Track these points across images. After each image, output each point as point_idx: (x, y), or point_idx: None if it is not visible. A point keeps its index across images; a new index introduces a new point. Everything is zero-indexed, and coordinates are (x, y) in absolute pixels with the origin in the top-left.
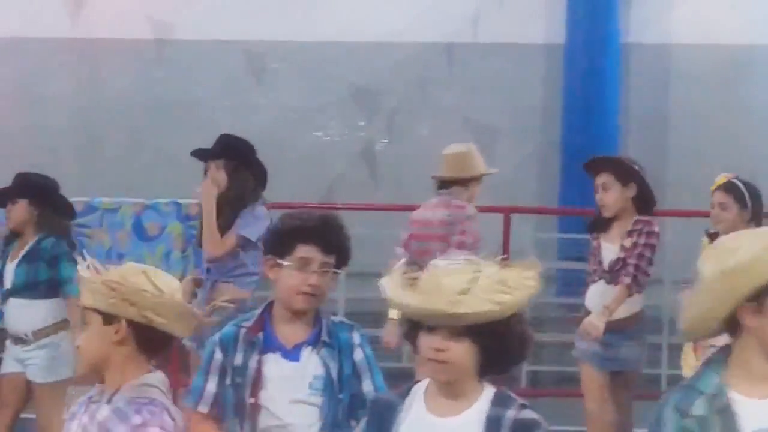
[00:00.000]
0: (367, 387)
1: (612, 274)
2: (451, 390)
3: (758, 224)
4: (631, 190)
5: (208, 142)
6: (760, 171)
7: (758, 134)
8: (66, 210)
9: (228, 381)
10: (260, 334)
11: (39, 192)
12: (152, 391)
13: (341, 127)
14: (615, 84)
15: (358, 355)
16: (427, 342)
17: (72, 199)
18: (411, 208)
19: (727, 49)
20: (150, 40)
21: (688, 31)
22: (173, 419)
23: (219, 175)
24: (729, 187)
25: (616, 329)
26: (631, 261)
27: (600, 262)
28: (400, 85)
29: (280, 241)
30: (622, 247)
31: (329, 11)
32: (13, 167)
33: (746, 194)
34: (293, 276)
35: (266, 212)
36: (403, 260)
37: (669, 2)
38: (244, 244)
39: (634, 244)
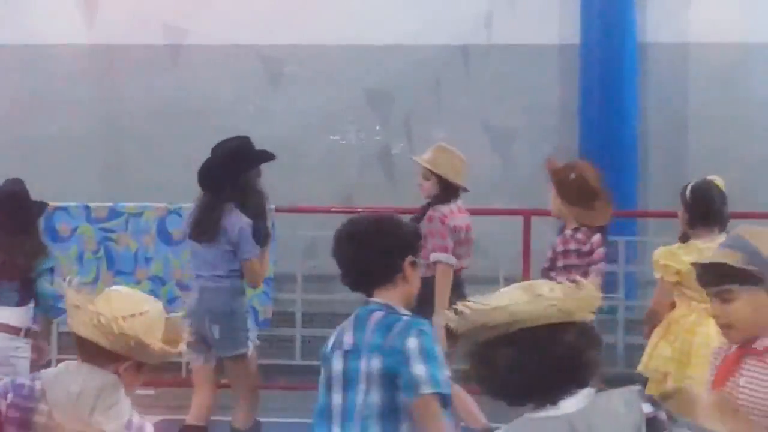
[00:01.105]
0: None
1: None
2: None
3: (691, 225)
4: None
5: None
6: None
7: None
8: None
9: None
10: None
11: None
12: None
13: (357, 131)
14: (632, 83)
15: None
16: None
17: (95, 204)
18: None
19: (744, 47)
20: (165, 45)
21: (705, 29)
22: (28, 383)
23: None
24: (681, 191)
25: None
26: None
27: None
28: (415, 88)
29: (418, 242)
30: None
31: (343, 14)
32: (31, 173)
33: (688, 197)
34: (420, 271)
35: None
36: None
37: (685, 0)
38: None
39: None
